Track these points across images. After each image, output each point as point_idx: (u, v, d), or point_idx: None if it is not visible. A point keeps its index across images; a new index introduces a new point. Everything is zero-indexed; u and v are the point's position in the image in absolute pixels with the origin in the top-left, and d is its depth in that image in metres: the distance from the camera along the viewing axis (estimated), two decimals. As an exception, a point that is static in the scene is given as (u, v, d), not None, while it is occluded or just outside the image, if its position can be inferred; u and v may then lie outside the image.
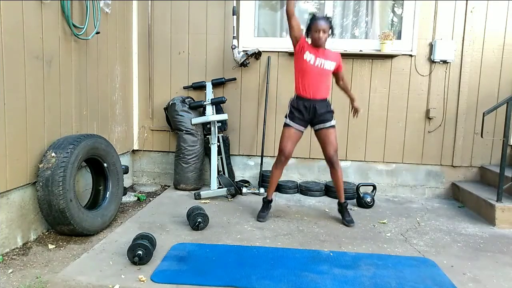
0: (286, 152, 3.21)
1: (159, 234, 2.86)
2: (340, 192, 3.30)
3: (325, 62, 3.12)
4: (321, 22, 3.02)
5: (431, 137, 4.14)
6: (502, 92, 4.03)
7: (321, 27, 3.01)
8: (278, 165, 3.27)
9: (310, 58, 3.09)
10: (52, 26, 2.81)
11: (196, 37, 4.23)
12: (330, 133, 3.20)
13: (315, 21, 3.04)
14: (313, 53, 3.09)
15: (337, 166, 3.22)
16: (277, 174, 3.31)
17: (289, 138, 3.21)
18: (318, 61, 3.10)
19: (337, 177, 3.25)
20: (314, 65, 3.09)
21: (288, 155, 3.23)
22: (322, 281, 2.23)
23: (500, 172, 3.27)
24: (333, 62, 3.16)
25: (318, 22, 3.02)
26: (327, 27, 3.03)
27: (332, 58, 3.16)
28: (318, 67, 3.10)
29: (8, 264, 2.35)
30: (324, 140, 3.22)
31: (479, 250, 2.80)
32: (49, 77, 2.81)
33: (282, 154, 3.23)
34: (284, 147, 3.21)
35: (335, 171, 3.23)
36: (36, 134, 2.69)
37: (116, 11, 3.77)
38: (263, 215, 3.28)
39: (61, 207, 2.55)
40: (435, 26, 4.02)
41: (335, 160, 3.21)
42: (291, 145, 3.22)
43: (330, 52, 3.18)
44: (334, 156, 3.20)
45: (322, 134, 3.22)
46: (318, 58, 3.10)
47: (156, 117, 4.36)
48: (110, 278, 2.20)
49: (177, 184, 4.12)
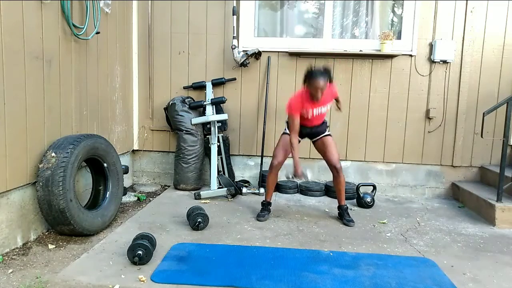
0: (278, 158, 3.28)
1: (159, 234, 2.86)
2: (341, 196, 3.34)
3: (322, 108, 3.17)
4: (319, 80, 2.91)
5: (431, 137, 4.14)
6: (502, 92, 4.03)
7: (318, 86, 2.93)
8: (272, 170, 3.32)
9: (307, 113, 3.14)
10: (52, 26, 2.81)
11: (196, 37, 4.23)
12: (328, 140, 3.28)
13: (313, 79, 2.94)
14: (309, 107, 3.12)
15: (340, 173, 3.25)
16: (273, 179, 3.35)
17: (284, 146, 3.28)
18: (315, 111, 3.15)
19: (340, 183, 3.28)
20: (313, 115, 3.17)
21: (281, 162, 3.30)
22: (322, 281, 2.23)
23: (500, 172, 3.27)
24: (329, 102, 3.21)
25: (316, 80, 2.92)
26: (325, 84, 2.95)
27: (328, 100, 3.18)
28: (317, 115, 3.18)
29: (8, 264, 2.35)
30: (324, 148, 3.28)
31: (479, 250, 2.80)
32: (49, 77, 2.81)
33: (276, 159, 3.29)
34: (277, 154, 3.29)
35: (339, 177, 3.26)
36: (36, 134, 2.69)
37: (116, 11, 3.77)
38: (263, 215, 3.31)
39: (61, 207, 2.55)
40: (435, 26, 4.02)
41: (339, 167, 3.23)
42: (285, 154, 3.30)
43: (326, 93, 3.08)
44: (338, 163, 3.24)
45: (320, 143, 3.31)
46: (315, 109, 3.15)
47: (156, 117, 4.36)
48: (110, 278, 2.20)
49: (177, 184, 4.12)
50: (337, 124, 4.16)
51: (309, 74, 2.99)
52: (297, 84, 4.15)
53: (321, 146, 3.29)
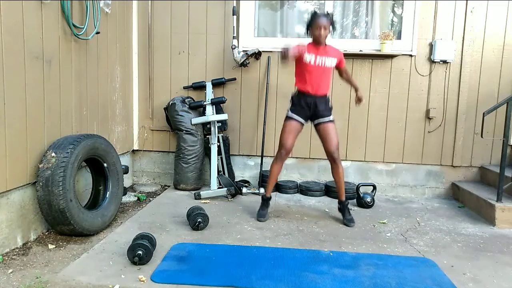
0: (287, 145, 3.21)
1: (159, 234, 2.86)
2: (341, 190, 3.29)
3: (326, 60, 3.13)
4: (322, 19, 3.03)
5: (431, 137, 4.14)
6: (502, 92, 4.03)
7: (321, 24, 3.02)
8: (278, 159, 3.25)
9: (310, 58, 3.10)
10: (52, 26, 2.81)
11: (196, 37, 4.23)
12: (329, 127, 3.21)
13: (315, 18, 3.05)
14: (313, 52, 3.11)
15: (338, 163, 3.21)
16: (277, 169, 3.29)
17: (291, 132, 3.21)
18: (318, 59, 3.11)
19: (339, 174, 3.23)
20: (315, 64, 3.11)
21: (289, 149, 3.23)
22: (322, 281, 2.23)
23: (500, 172, 3.27)
24: (334, 58, 3.18)
25: (319, 19, 3.03)
26: (328, 24, 3.04)
27: (332, 55, 3.17)
28: (319, 66, 3.12)
29: (8, 264, 2.35)
30: (324, 135, 3.22)
31: (479, 250, 2.80)
32: (49, 77, 2.81)
33: (283, 148, 3.22)
34: (285, 141, 3.21)
35: (337, 168, 3.22)
36: (36, 134, 2.69)
37: (116, 11, 3.77)
38: (263, 213, 3.29)
39: (61, 207, 2.55)
40: (435, 26, 4.02)
41: (336, 156, 3.19)
42: (292, 139, 3.22)
43: (331, 48, 3.19)
44: (336, 152, 3.19)
45: (322, 129, 3.23)
46: (319, 57, 3.11)
47: (156, 117, 4.36)
48: (110, 278, 2.20)
49: (177, 184, 4.12)
50: (337, 124, 4.15)
51: (312, 16, 3.08)
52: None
53: (323, 132, 3.22)
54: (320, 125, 3.23)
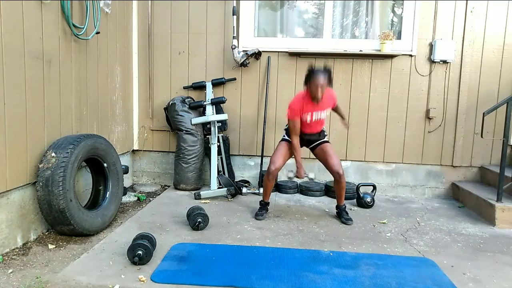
0: (276, 164, 3.26)
1: (159, 234, 2.86)
2: (341, 198, 3.35)
3: (321, 114, 3.19)
4: (320, 78, 2.96)
5: (431, 137, 4.14)
6: (502, 92, 4.03)
7: (319, 83, 2.97)
8: (270, 176, 3.29)
9: (306, 117, 3.16)
10: (52, 26, 2.81)
11: (196, 37, 4.23)
12: (326, 146, 3.28)
13: (313, 77, 2.99)
14: (309, 110, 3.14)
15: (342, 178, 3.23)
16: (270, 184, 3.34)
17: (282, 152, 3.29)
18: (314, 116, 3.17)
19: (341, 188, 3.29)
20: (312, 120, 3.18)
21: (278, 168, 3.27)
22: (322, 281, 2.23)
23: (500, 172, 3.27)
24: (328, 108, 3.23)
25: (317, 78, 2.97)
26: (325, 82, 2.99)
27: (327, 105, 3.20)
28: (315, 121, 3.20)
29: (8, 264, 2.35)
30: (323, 155, 3.27)
31: (479, 250, 2.80)
32: (49, 77, 2.81)
33: (273, 165, 3.26)
34: (276, 159, 3.27)
35: (340, 183, 3.25)
36: (36, 134, 2.69)
37: (116, 11, 3.77)
38: (261, 213, 3.33)
39: (61, 207, 2.55)
40: (435, 26, 4.02)
41: (341, 173, 3.20)
42: (283, 159, 3.29)
43: (326, 97, 3.14)
44: (340, 169, 3.20)
45: (319, 150, 3.30)
46: (315, 113, 3.16)
47: (156, 117, 4.36)
48: (110, 278, 2.20)
49: (177, 184, 4.12)
50: (337, 124, 4.16)
51: (310, 73, 3.04)
52: (297, 84, 4.15)
53: (321, 153, 3.28)
54: (317, 148, 3.32)
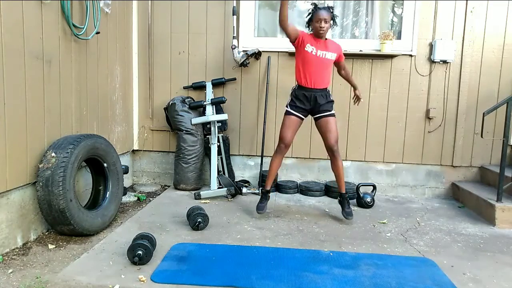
0: (286, 140, 3.23)
1: (159, 234, 2.86)
2: (341, 182, 3.31)
3: (326, 53, 3.16)
4: (323, 12, 3.04)
5: (431, 137, 4.14)
6: (502, 92, 4.03)
7: (322, 17, 3.03)
8: (278, 153, 3.28)
9: (311, 49, 3.12)
10: (52, 26, 2.81)
11: (196, 37, 4.23)
12: (330, 121, 3.23)
13: (316, 11, 3.07)
14: (313, 45, 3.13)
15: (337, 156, 3.23)
16: (277, 163, 3.31)
17: (290, 126, 3.24)
18: (319, 52, 3.13)
19: (338, 167, 3.25)
20: (316, 55, 3.13)
21: (288, 143, 3.25)
22: (322, 281, 2.23)
23: (500, 172, 3.27)
24: (334, 53, 3.20)
25: (320, 12, 3.05)
26: (329, 17, 3.06)
27: (333, 50, 3.19)
28: (320, 58, 3.14)
29: (8, 264, 2.35)
30: (324, 128, 3.23)
31: (479, 250, 2.80)
32: (49, 77, 2.81)
33: (282, 142, 3.24)
34: (285, 135, 3.23)
35: (336, 161, 3.24)
36: (36, 134, 2.69)
37: (116, 11, 3.77)
38: (262, 206, 3.31)
39: (61, 207, 2.55)
40: (435, 26, 4.02)
41: (336, 149, 3.21)
42: (292, 133, 3.25)
43: (331, 43, 3.22)
44: (335, 145, 3.21)
45: (322, 123, 3.25)
46: (319, 50, 3.14)
47: (156, 117, 4.36)
48: (110, 278, 2.20)
49: (177, 184, 4.12)
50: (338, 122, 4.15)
51: (312, 10, 3.10)
52: (297, 84, 4.15)
53: (323, 125, 3.23)
54: (321, 119, 3.25)
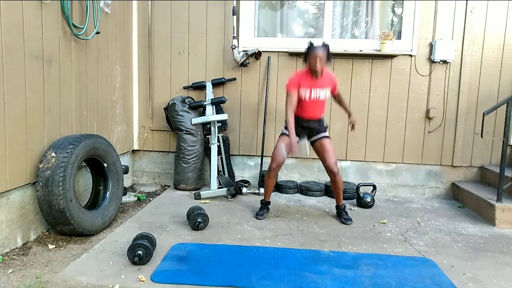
0: (278, 160, 3.27)
1: (159, 234, 2.86)
2: (339, 197, 3.37)
3: (320, 93, 3.20)
4: (318, 50, 3.05)
5: (431, 137, 4.14)
6: (502, 92, 4.03)
7: (317, 55, 3.04)
8: (271, 173, 3.32)
9: (305, 93, 3.17)
10: (52, 26, 2.81)
11: (196, 37, 4.23)
12: (326, 142, 3.29)
13: (312, 50, 3.08)
14: (307, 86, 3.17)
15: (337, 176, 3.27)
16: (272, 182, 3.37)
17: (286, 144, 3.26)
18: (313, 93, 3.19)
19: (337, 186, 3.32)
20: (310, 98, 3.19)
21: (280, 164, 3.29)
22: (322, 281, 2.23)
23: (500, 172, 3.27)
24: (328, 88, 3.24)
25: (315, 51, 3.06)
26: (324, 55, 3.06)
27: (327, 84, 3.22)
28: (314, 100, 3.20)
29: (8, 264, 2.35)
30: (321, 150, 3.29)
31: (479, 250, 2.80)
32: (49, 77, 2.81)
33: (274, 162, 3.28)
34: (276, 156, 3.27)
35: (336, 181, 3.29)
36: (36, 134, 2.69)
37: (116, 11, 3.77)
38: (261, 213, 3.35)
39: (61, 207, 2.55)
40: (435, 26, 4.02)
41: (336, 171, 3.25)
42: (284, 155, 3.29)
43: (326, 77, 3.22)
44: (335, 167, 3.25)
45: (318, 145, 3.31)
46: (313, 90, 3.18)
47: (156, 117, 4.36)
48: (110, 278, 2.20)
49: (177, 184, 4.12)
50: (337, 124, 4.16)
51: (308, 47, 3.11)
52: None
53: (320, 149, 3.30)
54: (316, 142, 3.32)
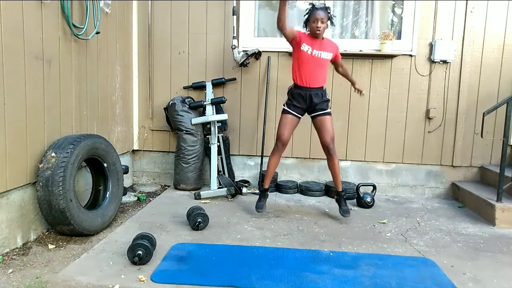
0: (283, 138, 3.27)
1: (159, 234, 2.86)
2: (337, 181, 3.34)
3: (322, 53, 3.18)
4: (320, 12, 3.06)
5: (431, 137, 4.14)
6: (502, 92, 4.03)
7: (319, 17, 3.05)
8: (276, 152, 3.31)
9: (307, 48, 3.15)
10: (52, 26, 2.81)
11: (196, 37, 4.23)
12: (326, 119, 3.26)
13: (313, 11, 3.09)
14: (310, 44, 3.16)
15: (334, 154, 3.25)
16: (275, 162, 3.34)
17: (287, 125, 3.27)
18: (314, 52, 3.16)
19: (334, 165, 3.29)
20: (311, 55, 3.16)
21: (285, 141, 3.28)
22: (322, 281, 2.23)
23: (500, 172, 3.27)
24: (330, 53, 3.23)
25: (317, 12, 3.07)
26: (325, 17, 3.08)
27: (329, 49, 3.22)
28: (315, 57, 3.17)
29: (8, 264, 2.35)
30: (320, 126, 3.27)
31: (479, 250, 2.80)
32: (49, 77, 2.81)
33: (279, 140, 3.28)
34: (281, 134, 3.27)
35: (332, 159, 3.27)
36: (36, 134, 2.69)
37: (116, 11, 3.77)
38: (261, 204, 3.33)
39: (61, 207, 2.55)
40: (435, 26, 4.02)
41: (331, 147, 3.24)
42: (289, 132, 3.29)
43: (328, 42, 3.24)
44: (331, 143, 3.24)
45: (318, 121, 3.28)
46: (315, 50, 3.16)
47: (156, 117, 4.36)
48: (110, 278, 2.20)
49: (177, 184, 4.12)
50: (337, 124, 4.16)
51: (310, 9, 3.12)
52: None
53: (319, 124, 3.27)
54: (317, 118, 3.29)
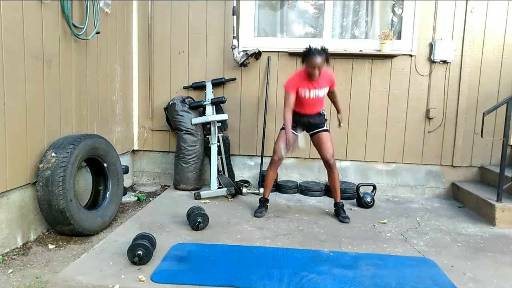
0: (279, 153, 3.30)
1: (159, 234, 2.86)
2: (337, 193, 3.40)
3: (319, 92, 3.22)
4: (317, 59, 3.02)
5: (431, 137, 4.14)
6: (502, 92, 4.03)
7: (316, 64, 3.03)
8: (273, 165, 3.37)
9: (304, 93, 3.19)
10: (52, 26, 2.81)
11: (196, 37, 4.23)
12: (324, 136, 3.32)
13: (311, 57, 3.04)
14: (306, 87, 3.18)
15: (334, 168, 3.31)
16: (272, 175, 3.40)
17: (283, 140, 3.28)
18: (312, 93, 3.20)
19: (334, 179, 3.35)
20: (310, 97, 3.21)
21: (281, 156, 3.32)
22: (322, 281, 2.23)
23: (500, 172, 3.27)
24: (326, 87, 3.26)
25: (314, 59, 3.02)
26: (322, 63, 3.05)
27: (325, 83, 3.23)
28: (313, 98, 3.22)
29: (8, 264, 2.35)
30: (319, 143, 3.34)
31: (479, 250, 2.80)
32: (49, 77, 2.81)
33: (275, 155, 3.33)
34: (278, 148, 3.30)
35: (332, 173, 3.33)
36: (36, 134, 2.69)
37: (116, 11, 3.77)
38: (260, 211, 3.38)
39: (61, 207, 2.55)
40: (435, 26, 4.02)
41: (332, 162, 3.29)
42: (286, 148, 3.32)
43: (324, 76, 3.19)
44: (331, 159, 3.29)
45: (317, 138, 3.35)
46: (312, 90, 3.19)
47: (156, 117, 4.36)
48: (110, 278, 2.20)
49: (177, 184, 4.12)
50: (336, 124, 4.15)
51: (307, 52, 3.09)
52: (297, 84, 4.14)
53: (318, 141, 3.34)
54: (315, 135, 3.36)
